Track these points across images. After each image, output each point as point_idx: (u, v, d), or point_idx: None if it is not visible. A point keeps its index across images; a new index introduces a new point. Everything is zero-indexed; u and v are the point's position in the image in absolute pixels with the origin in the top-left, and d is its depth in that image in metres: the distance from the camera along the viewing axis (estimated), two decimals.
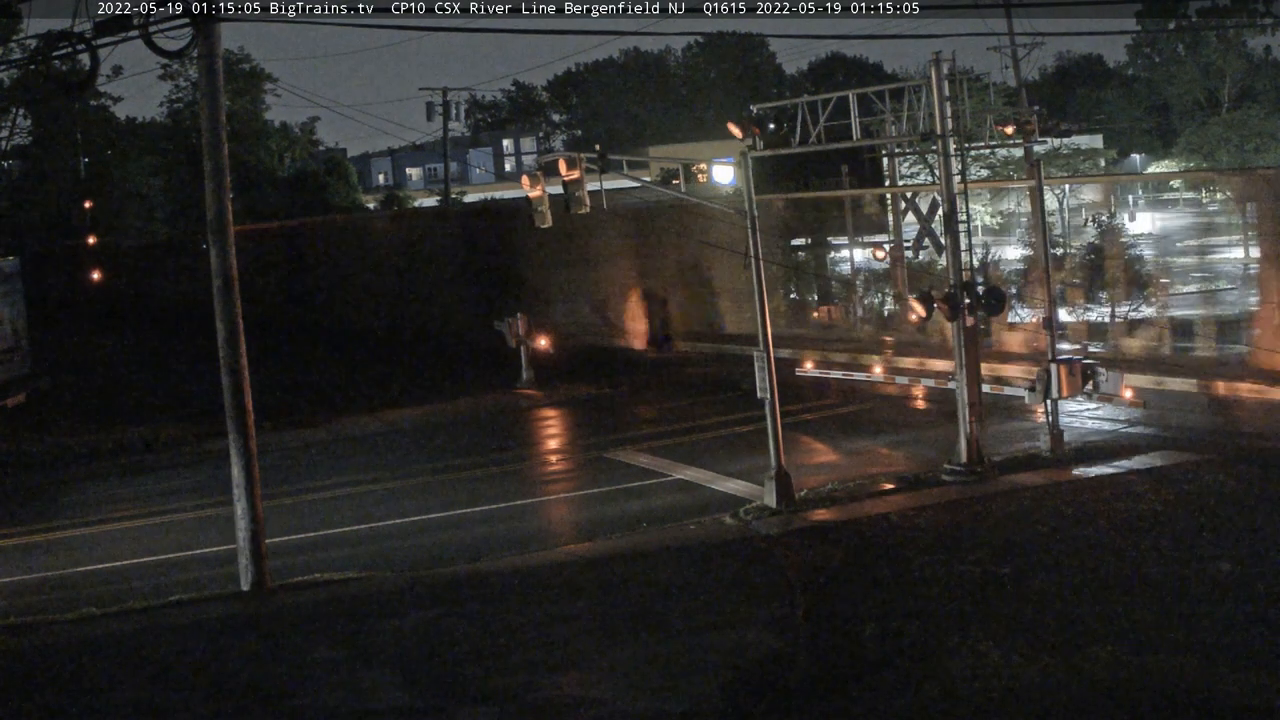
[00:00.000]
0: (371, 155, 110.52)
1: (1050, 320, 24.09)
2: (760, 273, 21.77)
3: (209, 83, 18.53)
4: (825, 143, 24.30)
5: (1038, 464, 22.77)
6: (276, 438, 29.56)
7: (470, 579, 18.53)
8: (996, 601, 15.85)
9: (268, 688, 14.72)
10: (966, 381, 22.40)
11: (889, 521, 19.92)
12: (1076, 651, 13.89)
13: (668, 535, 20.23)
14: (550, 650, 15.27)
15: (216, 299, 18.58)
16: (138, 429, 32.38)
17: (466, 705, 13.83)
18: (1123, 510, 19.39)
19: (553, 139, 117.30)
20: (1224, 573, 16.18)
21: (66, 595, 19.08)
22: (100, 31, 17.84)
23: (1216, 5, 64.69)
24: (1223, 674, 13.13)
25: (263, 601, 18.06)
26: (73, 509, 25.43)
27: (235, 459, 18.61)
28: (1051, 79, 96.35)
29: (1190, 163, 64.42)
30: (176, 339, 52.37)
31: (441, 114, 68.66)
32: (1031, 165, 25.43)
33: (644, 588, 17.52)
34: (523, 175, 22.21)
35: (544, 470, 27.32)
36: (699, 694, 13.70)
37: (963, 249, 22.55)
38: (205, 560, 20.69)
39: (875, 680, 13.69)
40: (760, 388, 21.64)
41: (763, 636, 15.28)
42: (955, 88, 22.73)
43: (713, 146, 59.78)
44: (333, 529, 22.47)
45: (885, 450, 25.48)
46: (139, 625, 17.29)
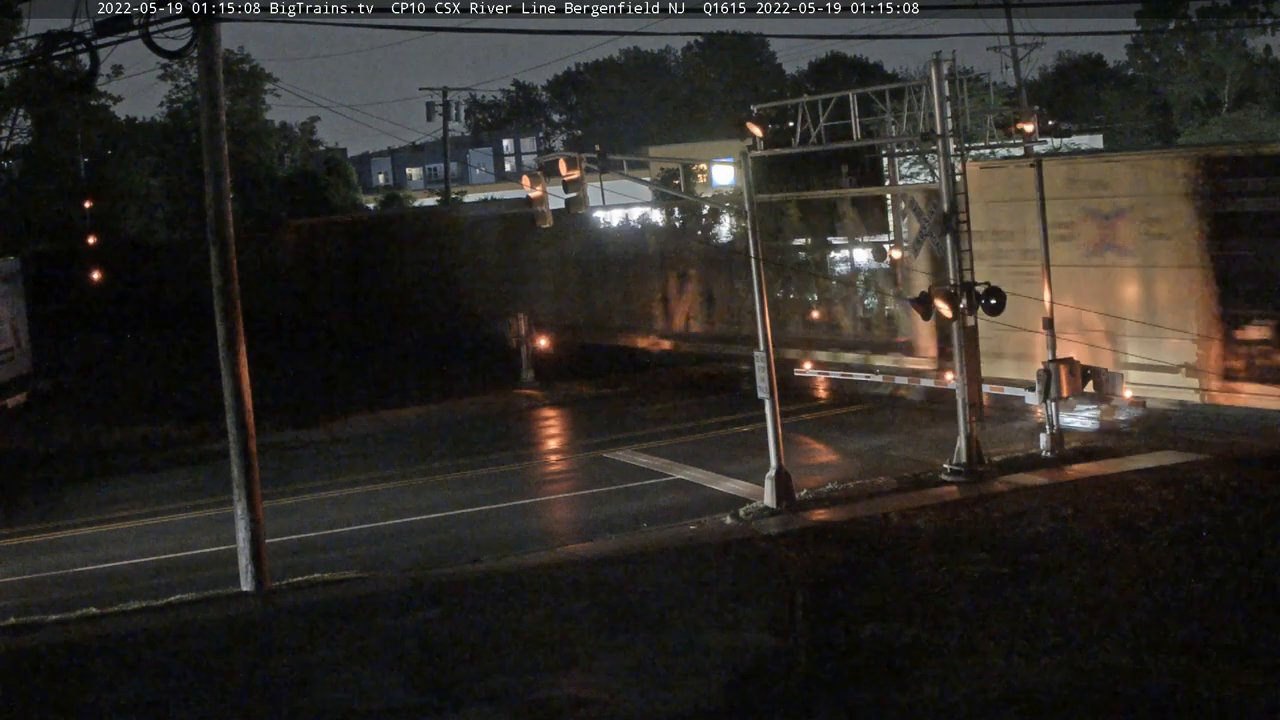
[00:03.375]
0: (371, 155, 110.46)
1: (1050, 320, 24.10)
2: (760, 273, 21.78)
3: (209, 83, 18.54)
4: (825, 143, 24.32)
5: (1038, 464, 22.77)
6: (276, 438, 29.55)
7: (470, 579, 18.53)
8: (996, 601, 15.85)
9: (268, 688, 14.73)
10: (966, 381, 22.42)
11: (889, 521, 19.92)
12: (1076, 651, 13.90)
13: (667, 535, 20.24)
14: (550, 650, 15.28)
15: (216, 299, 18.58)
16: (138, 429, 32.37)
17: (466, 705, 13.83)
18: (1123, 510, 19.39)
19: (553, 139, 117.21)
20: (1221, 574, 16.20)
21: (66, 595, 19.08)
22: (100, 31, 17.86)
23: (1216, 5, 64.62)
24: (1223, 674, 13.13)
25: (263, 601, 18.07)
26: (73, 509, 25.43)
27: (235, 459, 18.61)
28: (1051, 79, 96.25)
29: None
30: (176, 339, 52.36)
31: (441, 114, 68.70)
32: (1032, 165, 25.39)
33: (644, 588, 17.52)
34: (523, 175, 22.21)
35: (544, 470, 27.32)
36: (699, 694, 13.70)
37: (963, 249, 22.56)
38: (205, 560, 20.70)
39: (875, 680, 13.69)
40: (760, 388, 21.65)
41: (762, 636, 15.29)
42: (955, 88, 22.73)
43: (713, 146, 59.79)
44: (333, 529, 22.48)
45: (885, 450, 25.47)
46: (139, 625, 17.30)
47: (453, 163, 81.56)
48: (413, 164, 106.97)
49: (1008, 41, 55.89)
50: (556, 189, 21.43)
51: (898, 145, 29.58)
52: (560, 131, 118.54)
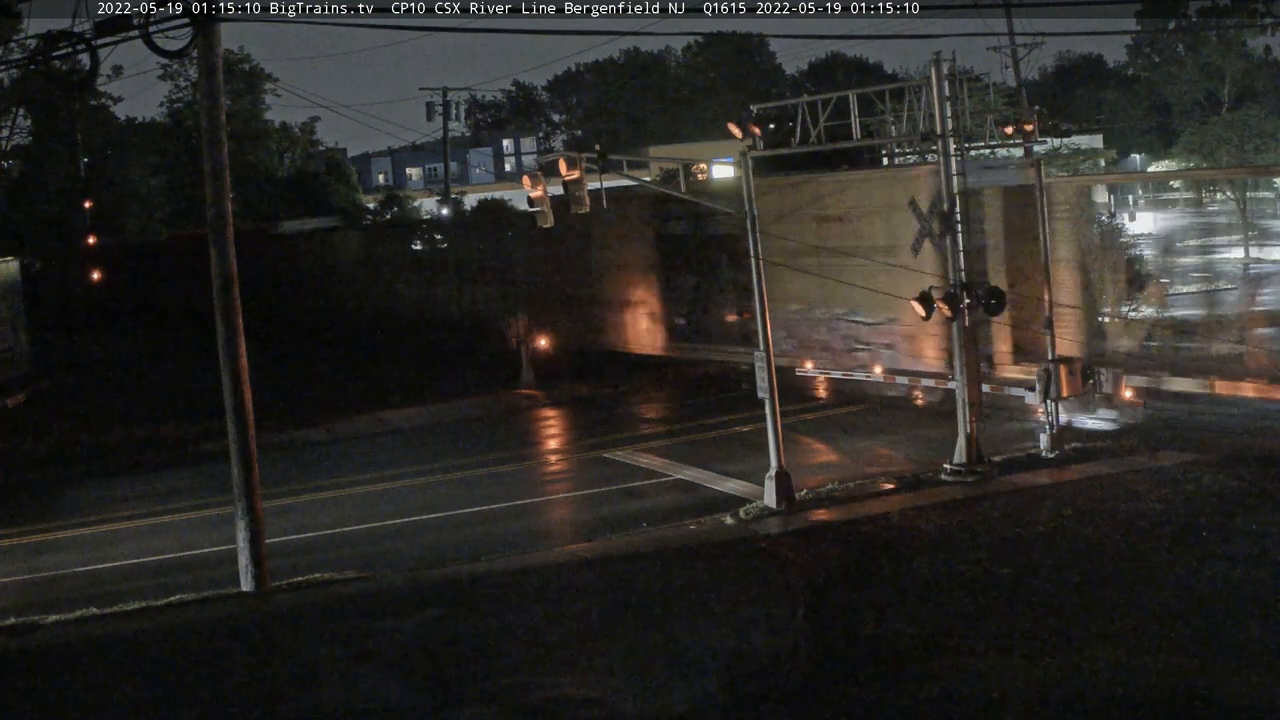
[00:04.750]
0: (371, 155, 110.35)
1: (1050, 320, 24.10)
2: (760, 273, 21.77)
3: (209, 83, 18.53)
4: (825, 143, 24.31)
5: (1038, 464, 22.77)
6: (276, 438, 29.54)
7: (470, 579, 18.53)
8: (996, 602, 15.85)
9: (268, 688, 14.72)
10: (966, 381, 22.41)
11: (889, 521, 19.92)
12: (1076, 652, 13.90)
13: (668, 535, 20.24)
14: (550, 650, 15.27)
15: (216, 299, 18.57)
16: (138, 429, 32.36)
17: (466, 705, 13.83)
18: (1123, 510, 19.39)
19: (553, 139, 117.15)
20: (1221, 574, 16.20)
21: (67, 595, 19.08)
22: (100, 31, 17.86)
23: (1216, 5, 64.57)
24: (1223, 674, 13.13)
25: (263, 601, 18.06)
26: (73, 509, 25.42)
27: (235, 459, 18.60)
28: (1051, 79, 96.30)
29: (1190, 163, 64.33)
30: (176, 339, 52.35)
31: (441, 114, 68.67)
32: (1032, 165, 25.39)
33: (644, 588, 17.52)
34: (523, 175, 22.20)
35: (544, 470, 27.32)
36: (699, 694, 13.70)
37: (962, 249, 22.55)
38: (205, 560, 20.69)
39: (875, 680, 13.69)
40: (760, 388, 21.65)
41: (763, 636, 15.28)
42: (955, 88, 22.72)
43: (713, 146, 59.72)
44: (333, 529, 22.47)
45: (885, 450, 25.47)
46: (139, 625, 17.29)
47: (453, 163, 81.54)
48: (413, 164, 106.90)
49: (1008, 41, 55.89)
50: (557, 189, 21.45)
51: (898, 145, 29.55)
52: (560, 131, 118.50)
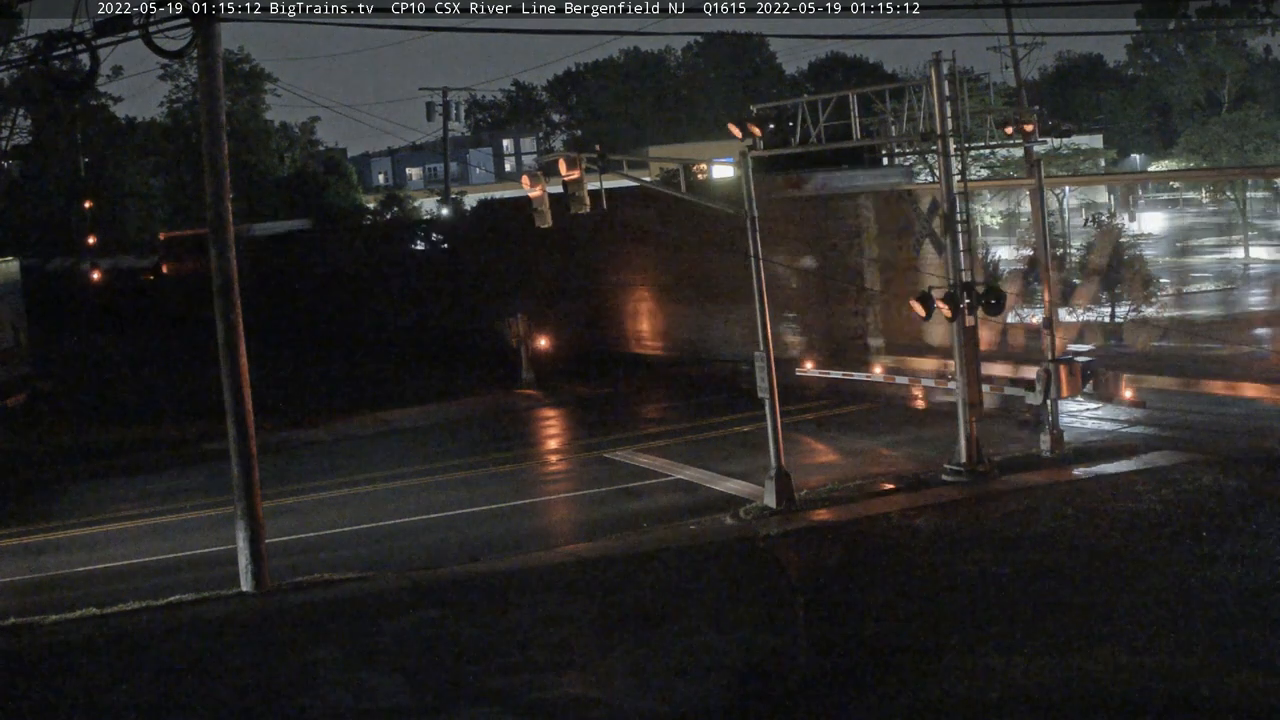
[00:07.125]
0: (371, 155, 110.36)
1: (1050, 320, 24.11)
2: (760, 273, 21.76)
3: (209, 83, 18.53)
4: (825, 143, 24.31)
5: (1038, 464, 22.77)
6: (276, 438, 29.55)
7: (470, 579, 18.52)
8: (997, 601, 15.85)
9: (268, 688, 14.71)
10: (966, 382, 22.41)
11: (889, 521, 19.92)
12: (1076, 652, 13.89)
13: (668, 535, 20.23)
14: (550, 650, 15.26)
15: (216, 299, 18.56)
16: (138, 429, 32.36)
17: (466, 705, 13.82)
18: (1123, 510, 19.39)
19: (553, 139, 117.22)
20: (1221, 574, 16.19)
21: (67, 595, 19.07)
22: (100, 31, 17.86)
23: (1216, 5, 64.62)
24: (1223, 674, 13.12)
25: (263, 601, 18.05)
26: (73, 509, 25.41)
27: (235, 459, 18.59)
28: (1051, 79, 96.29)
29: (1190, 163, 64.36)
30: (176, 339, 52.36)
31: (441, 114, 68.56)
32: (1031, 165, 25.40)
33: (644, 588, 17.52)
34: (523, 175, 22.20)
35: (544, 470, 27.32)
36: (699, 694, 13.70)
37: (962, 249, 22.55)
38: (205, 560, 20.68)
39: (875, 680, 13.68)
40: (760, 388, 21.64)
41: (763, 636, 15.28)
42: (955, 88, 22.72)
43: (713, 146, 59.77)
44: (333, 529, 22.47)
45: (885, 450, 25.47)
46: (139, 625, 17.28)
47: (453, 163, 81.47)
48: (413, 164, 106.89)
49: (1008, 41, 55.79)
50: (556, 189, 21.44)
51: (898, 145, 29.56)
52: (560, 131, 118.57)
